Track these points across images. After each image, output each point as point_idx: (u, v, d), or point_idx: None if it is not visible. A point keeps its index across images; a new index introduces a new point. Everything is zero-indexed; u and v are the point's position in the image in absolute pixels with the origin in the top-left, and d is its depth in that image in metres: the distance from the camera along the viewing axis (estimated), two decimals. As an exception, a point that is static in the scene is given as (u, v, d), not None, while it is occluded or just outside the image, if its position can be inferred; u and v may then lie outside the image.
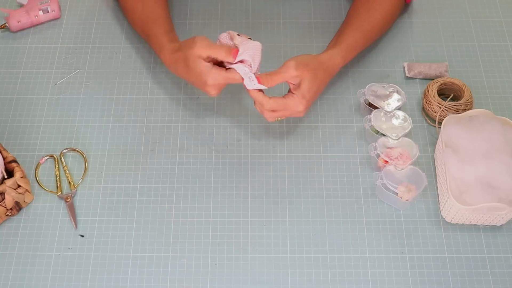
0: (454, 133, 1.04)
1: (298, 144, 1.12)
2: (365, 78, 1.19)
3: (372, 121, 1.08)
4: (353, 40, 1.11)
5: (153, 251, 1.01)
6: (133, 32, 1.27)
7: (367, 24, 1.14)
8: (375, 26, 1.15)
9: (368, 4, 1.15)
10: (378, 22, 1.16)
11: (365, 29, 1.13)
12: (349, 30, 1.12)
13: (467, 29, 1.27)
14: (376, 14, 1.15)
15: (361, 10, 1.15)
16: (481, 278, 0.98)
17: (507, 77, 1.20)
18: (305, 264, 1.00)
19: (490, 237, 1.02)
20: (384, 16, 1.16)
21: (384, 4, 1.16)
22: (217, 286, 0.98)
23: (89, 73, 1.21)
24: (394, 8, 1.19)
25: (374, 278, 0.98)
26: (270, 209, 1.05)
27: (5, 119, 1.15)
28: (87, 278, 0.99)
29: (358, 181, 1.08)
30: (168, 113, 1.16)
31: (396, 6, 1.19)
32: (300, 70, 0.99)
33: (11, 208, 1.02)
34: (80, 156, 1.11)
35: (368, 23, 1.14)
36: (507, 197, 0.98)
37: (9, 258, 1.01)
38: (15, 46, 1.25)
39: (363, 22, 1.14)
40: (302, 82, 1.00)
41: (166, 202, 1.06)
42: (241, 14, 1.30)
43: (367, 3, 1.16)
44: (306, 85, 1.00)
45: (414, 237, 1.02)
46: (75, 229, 1.03)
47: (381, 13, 1.16)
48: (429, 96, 1.12)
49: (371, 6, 1.15)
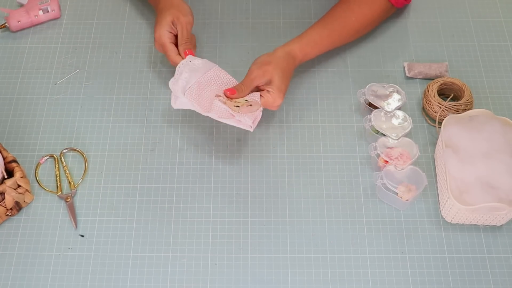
0: (454, 133, 1.04)
1: (298, 144, 1.12)
2: (365, 78, 1.19)
3: (372, 121, 1.08)
4: (317, 37, 1.12)
5: (153, 251, 1.01)
6: (133, 32, 1.27)
7: (339, 24, 1.15)
8: (347, 27, 1.16)
9: (346, 5, 1.16)
10: (351, 23, 1.16)
11: (335, 28, 1.15)
12: (316, 26, 1.14)
13: (467, 29, 1.27)
14: (351, 16, 1.16)
15: (337, 9, 1.16)
16: (481, 278, 0.98)
17: (507, 77, 1.20)
18: (305, 264, 1.00)
19: (490, 237, 1.02)
20: (359, 18, 1.16)
21: (362, 8, 1.16)
22: (217, 286, 0.98)
23: (89, 73, 1.21)
24: (374, 11, 1.18)
25: (374, 278, 0.98)
26: (270, 209, 1.05)
27: (5, 119, 1.15)
28: (87, 278, 0.99)
29: (358, 181, 1.08)
30: (168, 113, 1.16)
31: (377, 10, 1.18)
32: (263, 68, 1.04)
33: (11, 208, 1.02)
34: (80, 156, 1.11)
35: (340, 23, 1.15)
36: (507, 197, 0.98)
37: (9, 258, 1.01)
38: (15, 46, 1.25)
39: (335, 21, 1.15)
40: (272, 78, 1.04)
41: (166, 202, 1.06)
42: (241, 14, 1.30)
43: (345, 4, 1.16)
44: (277, 80, 1.04)
45: (414, 237, 1.02)
46: (75, 229, 1.03)
47: (356, 15, 1.16)
48: (429, 96, 1.12)
49: (348, 7, 1.16)
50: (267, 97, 1.04)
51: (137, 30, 1.27)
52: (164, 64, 1.22)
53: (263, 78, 1.04)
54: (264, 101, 1.04)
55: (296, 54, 1.10)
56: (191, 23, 1.11)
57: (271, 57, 1.07)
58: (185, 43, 1.09)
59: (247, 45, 1.24)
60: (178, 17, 1.10)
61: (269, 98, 1.04)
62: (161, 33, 1.09)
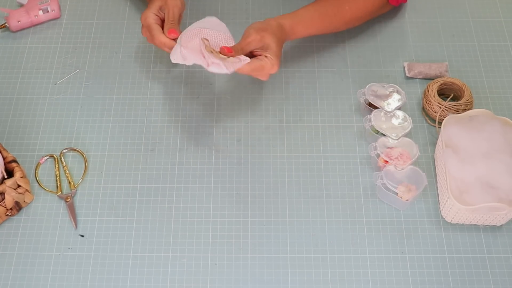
0: (454, 133, 1.04)
1: (298, 144, 1.12)
2: (365, 78, 1.19)
3: (372, 121, 1.08)
4: (308, 17, 1.12)
5: (153, 251, 1.01)
6: (133, 32, 1.27)
7: (332, 10, 1.15)
8: (339, 14, 1.16)
9: None
10: (344, 12, 1.16)
11: (327, 13, 1.14)
12: (309, 7, 1.13)
13: (467, 29, 1.27)
14: (344, 4, 1.16)
15: None
16: (481, 278, 0.98)
17: (507, 77, 1.20)
18: (305, 264, 1.00)
19: (490, 237, 1.02)
20: (352, 8, 1.16)
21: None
22: (217, 286, 0.98)
23: (89, 73, 1.21)
24: (368, 4, 1.18)
25: (374, 278, 0.98)
26: (270, 209, 1.05)
27: (5, 119, 1.15)
28: (87, 278, 0.99)
29: (358, 181, 1.08)
30: (168, 113, 1.16)
31: (371, 4, 1.19)
32: (261, 33, 1.03)
33: (11, 208, 1.02)
34: (80, 156, 1.11)
35: (332, 9, 1.15)
36: (507, 197, 0.98)
37: (9, 258, 1.01)
38: (15, 46, 1.25)
39: (327, 7, 1.15)
40: (270, 44, 1.02)
41: (166, 202, 1.06)
42: (241, 14, 1.30)
43: None
44: (274, 46, 1.03)
45: (414, 237, 1.02)
46: (75, 229, 1.03)
47: (350, 4, 1.16)
48: (429, 96, 1.12)
49: None
50: (265, 61, 1.01)
51: (137, 30, 1.27)
52: (164, 64, 1.22)
53: (260, 43, 1.03)
54: (261, 65, 1.01)
55: (287, 29, 1.09)
56: (178, 7, 1.10)
57: (267, 25, 1.05)
58: (171, 23, 1.08)
59: (247, 45, 1.24)
60: (166, 1, 1.09)
61: (267, 63, 1.01)
62: (147, 15, 1.08)
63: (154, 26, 1.07)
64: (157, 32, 1.07)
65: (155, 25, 1.08)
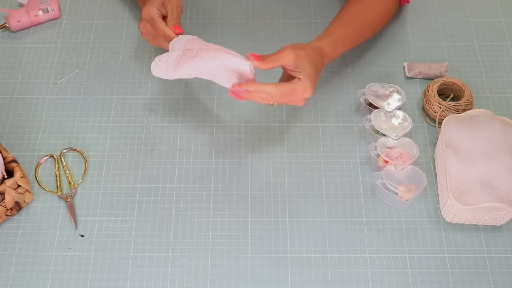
0: (454, 133, 1.04)
1: (298, 144, 1.12)
2: (365, 78, 1.19)
3: (372, 121, 1.08)
4: (343, 34, 1.10)
5: (153, 251, 1.01)
6: (133, 32, 1.27)
7: (359, 20, 1.14)
8: (367, 24, 1.15)
9: (362, 2, 1.15)
10: (371, 20, 1.15)
11: (357, 25, 1.13)
12: (340, 25, 1.11)
13: (467, 29, 1.27)
14: (369, 12, 1.15)
15: (354, 7, 1.15)
16: (481, 278, 0.98)
17: (507, 77, 1.20)
18: (305, 264, 1.00)
19: (490, 237, 1.02)
20: (377, 15, 1.16)
21: (379, 3, 1.16)
22: (217, 286, 0.98)
23: (89, 73, 1.21)
24: (389, 7, 1.19)
25: (374, 278, 0.98)
26: (270, 209, 1.05)
27: (5, 119, 1.15)
28: (87, 278, 0.99)
29: (358, 181, 1.08)
30: (168, 113, 1.16)
31: (390, 6, 1.19)
32: (297, 51, 0.99)
33: (11, 208, 1.02)
34: (80, 156, 1.11)
35: (360, 20, 1.14)
36: (507, 197, 0.98)
37: (9, 258, 1.01)
38: (15, 46, 1.25)
39: (355, 19, 1.13)
40: (303, 65, 0.98)
41: (166, 202, 1.06)
42: (241, 14, 1.30)
43: (361, 2, 1.15)
44: (308, 68, 0.98)
45: (414, 237, 1.02)
46: (75, 229, 1.03)
47: (374, 12, 1.16)
48: (429, 96, 1.12)
49: (365, 4, 1.15)
50: (298, 84, 0.96)
51: (137, 30, 1.27)
52: (164, 64, 1.22)
53: (293, 60, 0.98)
54: (292, 89, 0.97)
55: (326, 51, 1.05)
56: (181, 6, 1.10)
57: (305, 45, 1.02)
58: (175, 20, 1.08)
59: (247, 45, 1.24)
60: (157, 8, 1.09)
61: (300, 86, 0.96)
62: (150, 8, 1.08)
63: (158, 19, 1.07)
64: (161, 24, 1.07)
65: (159, 18, 1.08)
